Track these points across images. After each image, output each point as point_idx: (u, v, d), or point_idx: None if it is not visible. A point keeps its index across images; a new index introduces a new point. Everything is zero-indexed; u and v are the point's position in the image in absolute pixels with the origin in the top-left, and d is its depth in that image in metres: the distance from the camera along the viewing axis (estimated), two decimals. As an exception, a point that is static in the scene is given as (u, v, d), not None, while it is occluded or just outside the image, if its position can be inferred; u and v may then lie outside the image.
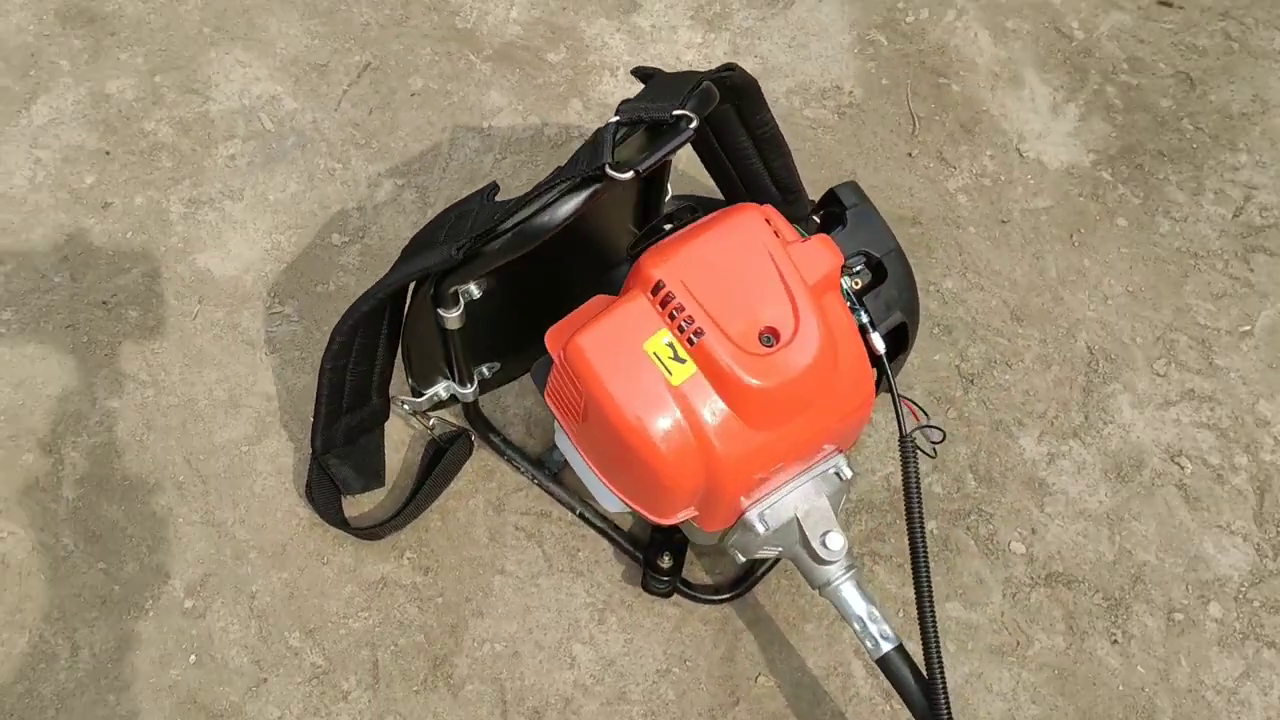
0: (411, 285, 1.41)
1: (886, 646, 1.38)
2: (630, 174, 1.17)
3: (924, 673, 1.36)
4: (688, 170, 1.94)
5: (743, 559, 1.49)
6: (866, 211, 1.39)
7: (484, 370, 1.66)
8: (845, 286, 1.34)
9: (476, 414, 1.72)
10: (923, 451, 1.55)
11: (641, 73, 1.38)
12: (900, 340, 1.41)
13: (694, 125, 1.20)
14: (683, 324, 1.25)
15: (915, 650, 1.40)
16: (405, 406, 1.65)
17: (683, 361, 1.27)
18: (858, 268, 1.37)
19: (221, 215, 1.92)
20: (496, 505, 1.75)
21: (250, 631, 1.65)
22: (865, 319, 1.35)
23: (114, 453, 1.74)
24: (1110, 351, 1.92)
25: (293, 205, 1.94)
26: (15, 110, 1.99)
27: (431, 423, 1.72)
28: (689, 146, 1.58)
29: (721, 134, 1.58)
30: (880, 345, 1.36)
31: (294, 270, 1.88)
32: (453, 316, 1.41)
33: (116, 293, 1.85)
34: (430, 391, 1.64)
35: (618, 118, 1.21)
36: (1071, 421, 1.86)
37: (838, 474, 1.41)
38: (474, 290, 1.42)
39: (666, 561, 1.64)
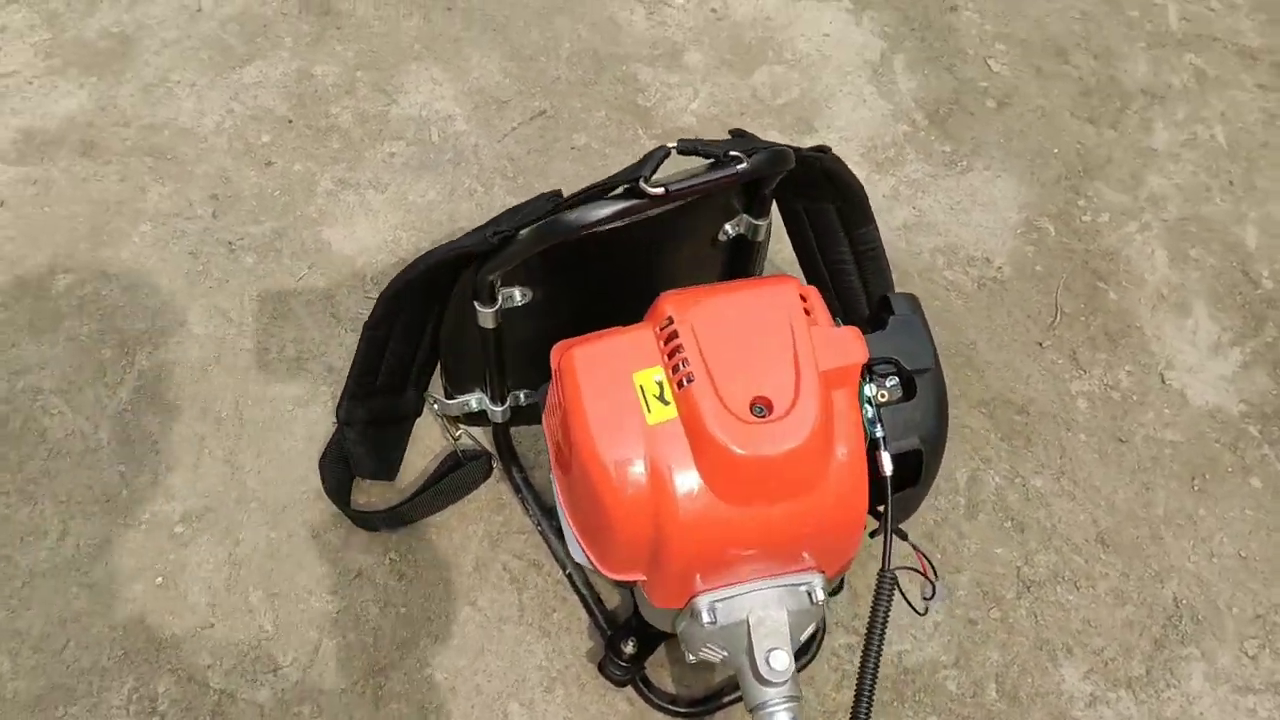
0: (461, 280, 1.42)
1: (797, 795, 1.23)
2: (661, 191, 1.15)
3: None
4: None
5: (691, 658, 1.38)
6: (913, 323, 1.30)
7: (520, 396, 1.63)
8: (867, 394, 1.25)
9: (505, 441, 1.69)
10: (909, 604, 1.41)
11: (736, 131, 1.37)
12: (911, 471, 1.30)
13: (742, 166, 1.17)
14: (678, 365, 1.20)
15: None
16: (435, 406, 1.64)
17: (666, 404, 1.21)
18: (888, 379, 1.27)
19: (361, 200, 2.02)
20: (494, 539, 1.70)
21: (220, 575, 1.65)
22: (879, 433, 1.25)
23: (178, 373, 1.81)
24: (1199, 612, 1.70)
25: (425, 210, 2.01)
26: (231, 66, 2.18)
27: (459, 433, 1.71)
28: (793, 251, 1.55)
29: (821, 237, 1.54)
30: (887, 465, 1.25)
31: (400, 265, 1.93)
32: (488, 313, 1.41)
33: (244, 238, 1.96)
34: (461, 398, 1.63)
35: (675, 144, 1.20)
36: (1130, 670, 1.65)
37: (810, 594, 1.30)
38: (516, 295, 1.42)
39: (630, 648, 1.53)
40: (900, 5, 2.36)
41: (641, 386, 1.21)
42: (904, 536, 1.48)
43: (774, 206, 1.48)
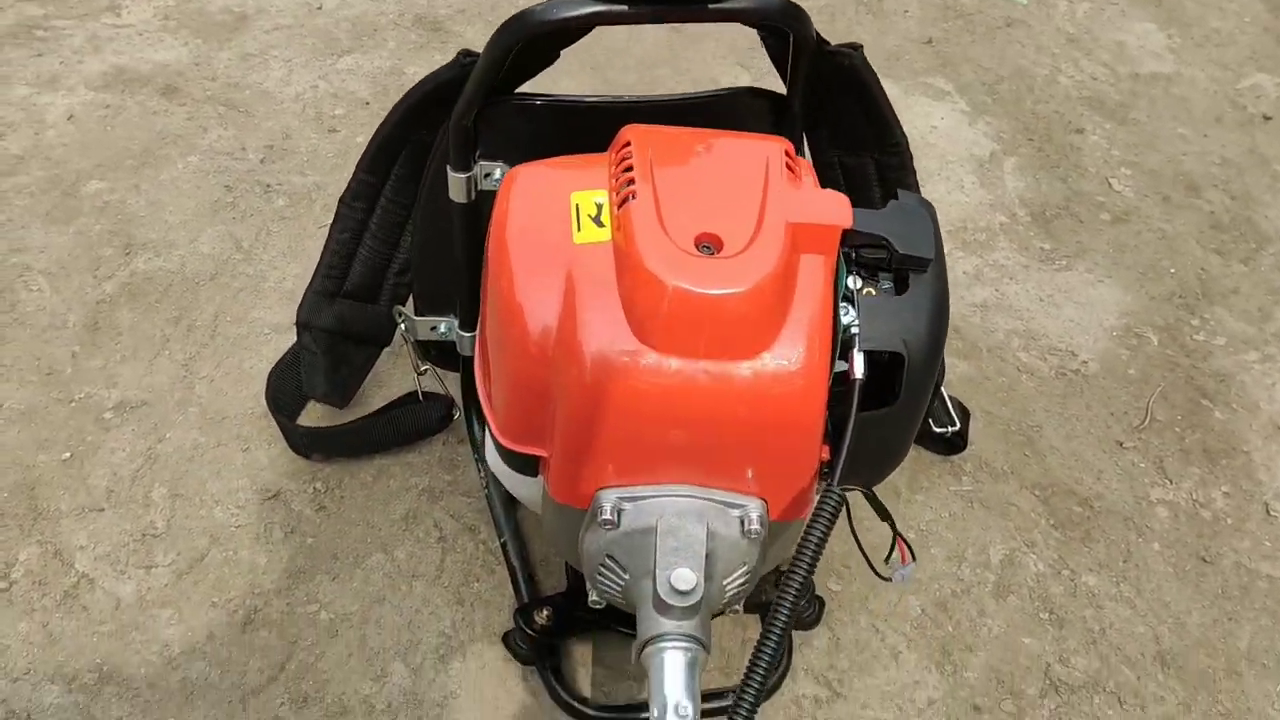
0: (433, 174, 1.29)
1: (672, 752, 0.93)
2: None
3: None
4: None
5: (593, 596, 1.11)
6: (918, 212, 1.06)
7: (495, 329, 1.45)
8: (848, 284, 1.02)
9: (473, 387, 1.49)
10: (870, 563, 1.10)
11: None
12: (887, 385, 1.03)
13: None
14: (622, 186, 1.01)
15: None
16: (403, 323, 1.46)
17: (600, 226, 1.01)
18: (879, 278, 1.04)
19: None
20: (434, 495, 1.47)
21: (129, 466, 1.47)
22: (851, 320, 1.01)
23: (169, 281, 1.71)
24: (1280, 774, 1.32)
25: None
26: (330, 53, 2.19)
27: (424, 369, 1.52)
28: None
29: (856, 193, 1.34)
30: (858, 366, 1.00)
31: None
32: (460, 180, 1.25)
33: (284, 184, 1.90)
34: (431, 318, 1.45)
35: None
36: (1174, 815, 1.27)
37: (742, 521, 1.03)
38: (497, 174, 1.27)
39: (543, 617, 1.26)
40: (1020, 117, 2.22)
41: (578, 205, 1.03)
42: (883, 513, 1.20)
43: (809, 158, 1.32)
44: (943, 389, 1.58)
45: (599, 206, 1.02)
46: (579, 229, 1.01)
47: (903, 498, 1.54)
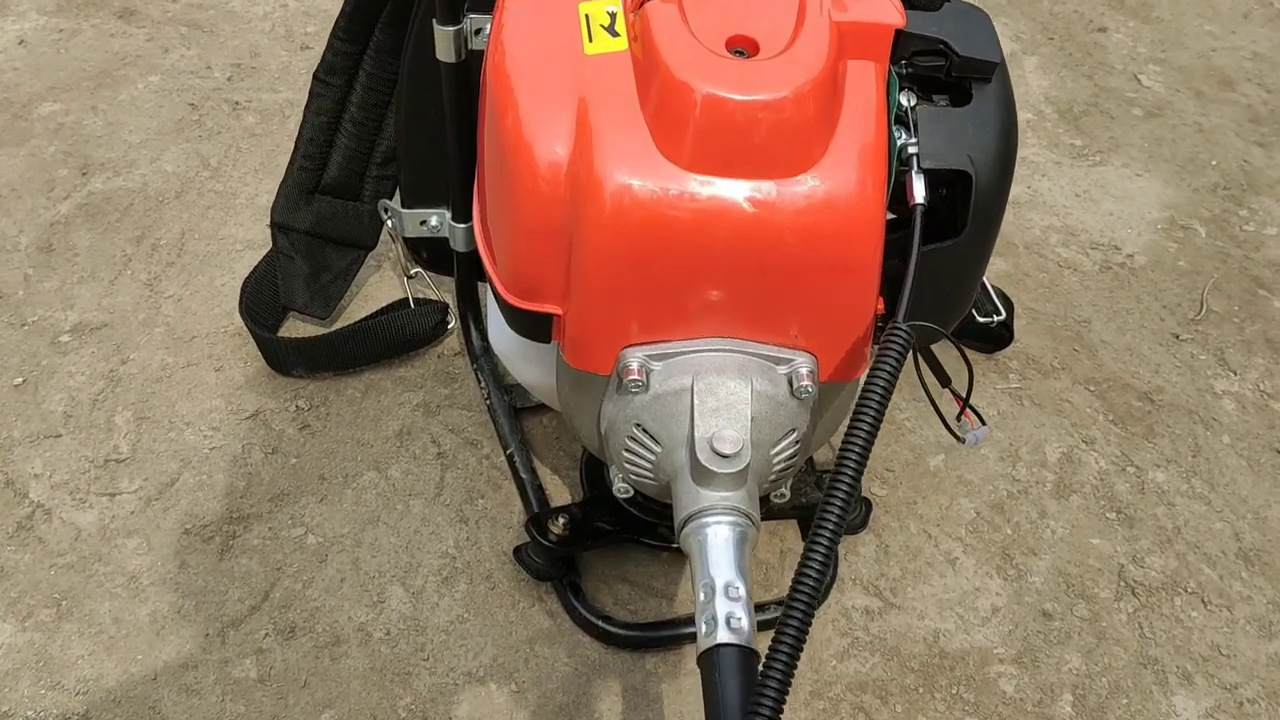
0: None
1: (726, 637, 0.78)
2: None
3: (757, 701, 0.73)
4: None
5: (618, 484, 0.97)
6: (975, 13, 0.93)
7: (492, 221, 1.30)
8: (901, 101, 0.88)
9: (469, 287, 1.34)
10: (943, 419, 0.97)
11: None
12: (954, 208, 0.89)
13: None
14: (641, -12, 0.87)
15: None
16: (389, 218, 1.31)
17: (615, 35, 0.87)
18: (932, 81, 0.89)
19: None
20: (430, 410, 1.33)
21: (89, 389, 1.32)
22: (908, 141, 0.87)
23: (130, 200, 1.55)
24: (1384, 673, 1.18)
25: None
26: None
27: (414, 271, 1.37)
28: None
29: None
30: (919, 190, 0.86)
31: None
32: (448, 34, 1.10)
33: (253, 101, 1.75)
34: (419, 210, 1.30)
35: None
36: (1274, 715, 1.13)
37: (790, 380, 0.89)
38: (489, 27, 1.12)
39: (560, 526, 1.12)
40: (1037, 17, 2.08)
41: (588, 16, 0.88)
42: (943, 376, 1.06)
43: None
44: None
45: (612, 16, 0.88)
46: (590, 39, 0.87)
47: (945, 396, 1.40)
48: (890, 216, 0.88)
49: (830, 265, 0.86)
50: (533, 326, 0.95)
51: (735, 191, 0.82)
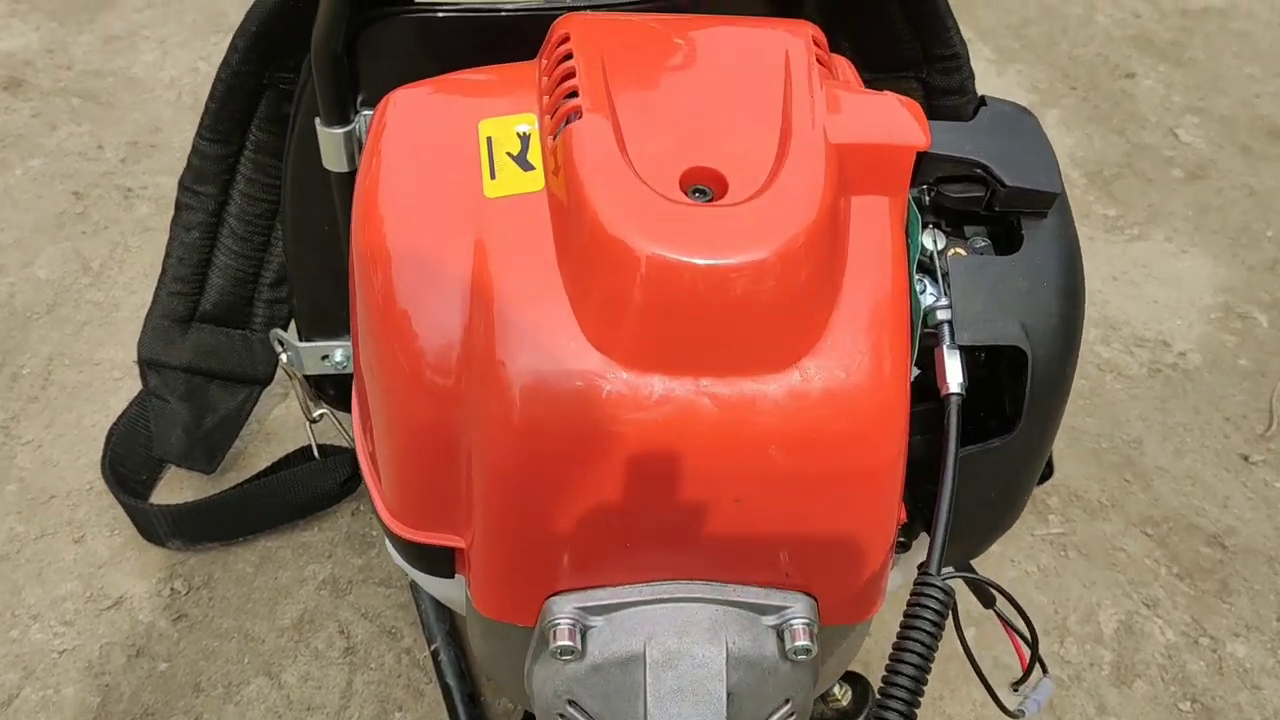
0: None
1: None
2: None
3: None
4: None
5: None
6: (1023, 121, 0.68)
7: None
8: (924, 244, 0.63)
9: (382, 436, 1.09)
10: (989, 689, 0.72)
11: None
12: (1002, 396, 0.64)
13: None
14: (559, 103, 0.62)
15: None
16: (284, 352, 1.06)
17: (527, 169, 0.62)
18: (972, 234, 0.65)
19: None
20: (340, 588, 1.07)
21: (-83, 572, 1.07)
22: (935, 301, 0.62)
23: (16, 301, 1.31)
24: None
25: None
26: (215, 29, 1.77)
27: (317, 415, 1.12)
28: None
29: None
30: (954, 374, 0.61)
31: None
32: (335, 137, 0.85)
33: (149, 187, 1.50)
34: (319, 343, 1.05)
35: None
36: None
37: (781, 634, 0.64)
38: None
39: (488, 773, 0.86)
40: (1056, 63, 1.84)
41: (490, 139, 0.63)
42: (990, 588, 0.80)
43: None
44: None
45: (523, 138, 0.63)
46: (493, 175, 0.62)
47: (985, 623, 1.14)
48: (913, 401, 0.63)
49: (833, 478, 0.61)
50: (428, 560, 0.69)
51: (696, 393, 0.57)
